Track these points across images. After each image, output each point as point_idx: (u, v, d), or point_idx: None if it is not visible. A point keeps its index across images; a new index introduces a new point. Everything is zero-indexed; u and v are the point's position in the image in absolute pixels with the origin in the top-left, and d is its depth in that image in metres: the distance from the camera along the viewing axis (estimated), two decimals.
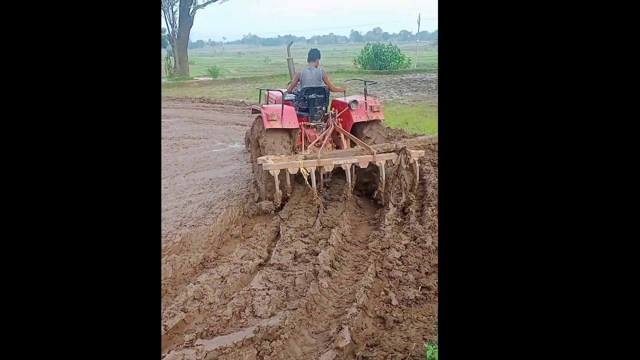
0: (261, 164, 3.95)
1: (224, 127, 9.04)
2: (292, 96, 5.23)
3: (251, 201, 4.51)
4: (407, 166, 4.15)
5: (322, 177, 4.41)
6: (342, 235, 3.75)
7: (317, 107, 4.84)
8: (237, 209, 4.27)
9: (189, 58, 22.81)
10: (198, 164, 6.03)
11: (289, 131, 4.47)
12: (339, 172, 4.59)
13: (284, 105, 4.37)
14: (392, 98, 12.55)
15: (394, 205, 4.26)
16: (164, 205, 4.32)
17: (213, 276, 3.07)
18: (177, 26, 20.27)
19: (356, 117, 4.58)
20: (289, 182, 4.05)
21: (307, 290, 2.80)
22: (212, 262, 3.41)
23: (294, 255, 3.41)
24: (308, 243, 3.64)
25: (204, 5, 20.34)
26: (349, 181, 4.20)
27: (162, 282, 3.01)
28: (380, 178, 4.16)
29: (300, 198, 4.60)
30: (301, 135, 4.75)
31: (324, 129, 4.71)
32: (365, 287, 2.83)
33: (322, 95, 4.84)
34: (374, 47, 22.40)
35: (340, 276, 3.16)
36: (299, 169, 3.94)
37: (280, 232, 3.88)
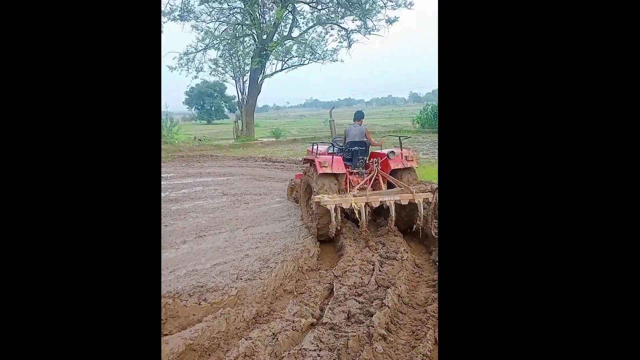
0: (318, 202, 4.76)
1: (284, 184, 9.38)
2: (336, 149, 6.18)
3: (306, 256, 4.52)
4: None
5: (368, 214, 5.01)
6: (399, 295, 3.55)
7: (360, 157, 5.78)
8: (292, 263, 4.27)
9: (255, 121, 24.67)
10: (257, 219, 6.24)
11: (336, 176, 5.33)
12: (376, 212, 5.43)
13: (333, 156, 5.35)
14: None
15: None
16: (222, 259, 4.46)
17: (265, 332, 3.02)
18: (247, 94, 22.28)
19: (394, 165, 5.51)
20: (339, 216, 4.77)
21: (360, 355, 2.63)
22: (264, 317, 3.37)
23: (347, 314, 3.27)
24: (362, 302, 3.48)
25: (272, 75, 22.32)
26: (392, 215, 4.86)
27: (215, 335, 3.01)
28: (419, 214, 4.79)
29: (354, 255, 4.51)
30: (346, 180, 5.60)
31: (364, 174, 5.62)
32: (424, 355, 2.59)
33: (363, 148, 5.79)
34: (433, 107, 22.60)
35: (396, 341, 2.94)
36: (351, 204, 4.71)
37: (334, 289, 3.77)
